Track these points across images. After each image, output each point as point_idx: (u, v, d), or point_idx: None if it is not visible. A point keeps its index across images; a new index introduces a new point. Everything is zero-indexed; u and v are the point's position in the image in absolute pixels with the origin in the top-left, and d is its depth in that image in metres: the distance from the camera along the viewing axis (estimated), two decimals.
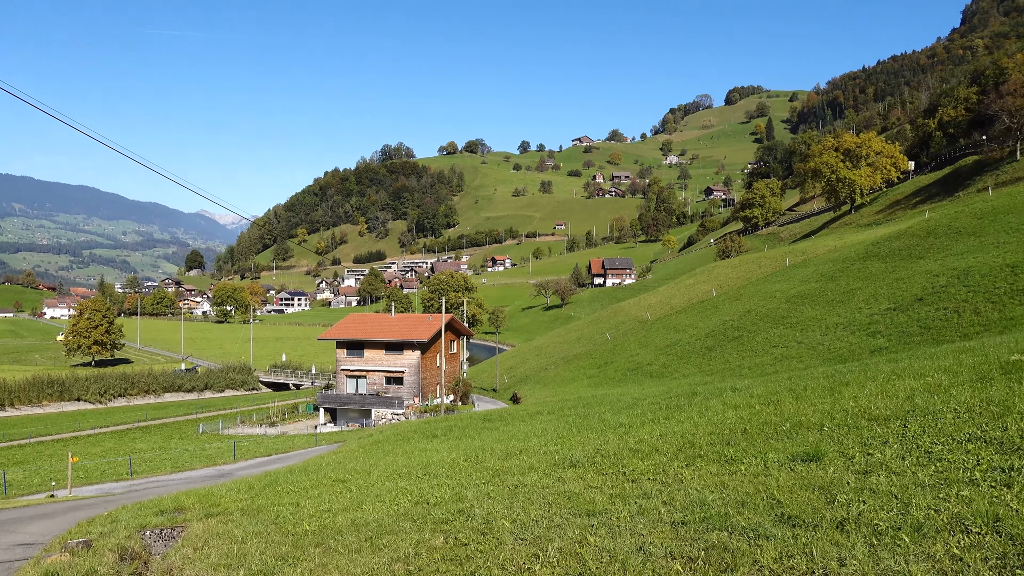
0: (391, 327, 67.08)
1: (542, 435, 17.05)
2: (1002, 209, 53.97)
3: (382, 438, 27.86)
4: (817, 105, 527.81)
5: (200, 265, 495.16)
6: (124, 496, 23.54)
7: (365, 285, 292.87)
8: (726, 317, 64.98)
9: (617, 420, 16.86)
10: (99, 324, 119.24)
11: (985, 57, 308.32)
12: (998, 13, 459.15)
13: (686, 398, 20.30)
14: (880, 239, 65.27)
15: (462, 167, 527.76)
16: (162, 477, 31.66)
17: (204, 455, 44.01)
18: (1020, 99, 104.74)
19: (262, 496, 13.82)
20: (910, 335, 35.22)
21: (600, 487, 8.82)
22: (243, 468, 32.85)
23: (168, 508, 14.01)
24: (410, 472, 13.20)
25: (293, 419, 70.86)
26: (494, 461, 12.57)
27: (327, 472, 16.20)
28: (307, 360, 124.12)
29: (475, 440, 20.80)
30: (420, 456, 17.27)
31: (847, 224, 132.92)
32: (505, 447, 14.92)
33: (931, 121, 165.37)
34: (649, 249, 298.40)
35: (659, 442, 11.02)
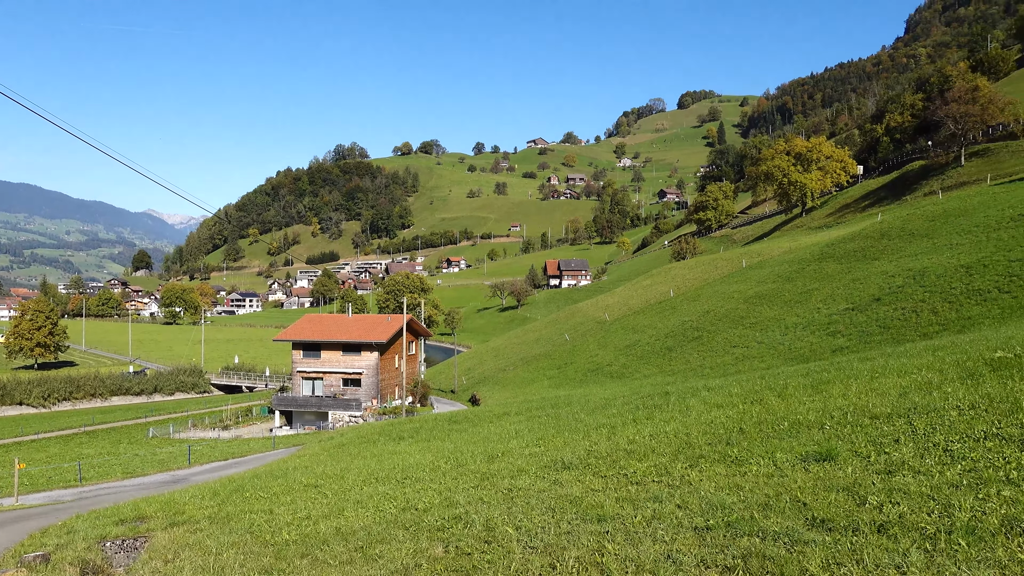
0: (348, 328, 65.99)
1: (518, 437, 16.61)
2: (953, 212, 55.17)
3: (345, 441, 27.12)
4: (767, 110, 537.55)
5: (148, 265, 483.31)
6: (75, 504, 22.48)
7: (318, 286, 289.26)
8: (685, 318, 65.33)
9: (595, 421, 16.51)
10: (42, 325, 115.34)
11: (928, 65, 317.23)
12: (940, 23, 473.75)
13: (660, 397, 20.06)
14: (835, 241, 66.30)
15: (417, 168, 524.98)
16: (113, 483, 30.42)
17: (156, 460, 42.59)
18: (965, 106, 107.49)
19: (230, 503, 13.13)
20: (870, 335, 35.65)
21: (603, 490, 8.42)
22: (199, 473, 31.77)
23: (128, 516, 13.24)
24: (388, 476, 12.63)
25: (247, 422, 69.29)
26: (477, 464, 12.09)
27: (296, 477, 15.53)
28: (260, 362, 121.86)
29: (445, 442, 20.28)
30: (392, 459, 16.68)
31: (798, 227, 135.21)
32: (484, 449, 14.44)
33: (879, 127, 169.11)
34: (604, 251, 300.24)
35: (652, 442, 10.67)
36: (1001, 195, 54.96)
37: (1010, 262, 36.57)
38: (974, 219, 50.11)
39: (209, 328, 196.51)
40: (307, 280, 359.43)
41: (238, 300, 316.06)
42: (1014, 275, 34.55)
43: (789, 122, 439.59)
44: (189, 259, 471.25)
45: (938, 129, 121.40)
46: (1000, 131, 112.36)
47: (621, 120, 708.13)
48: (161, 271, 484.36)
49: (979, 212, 51.56)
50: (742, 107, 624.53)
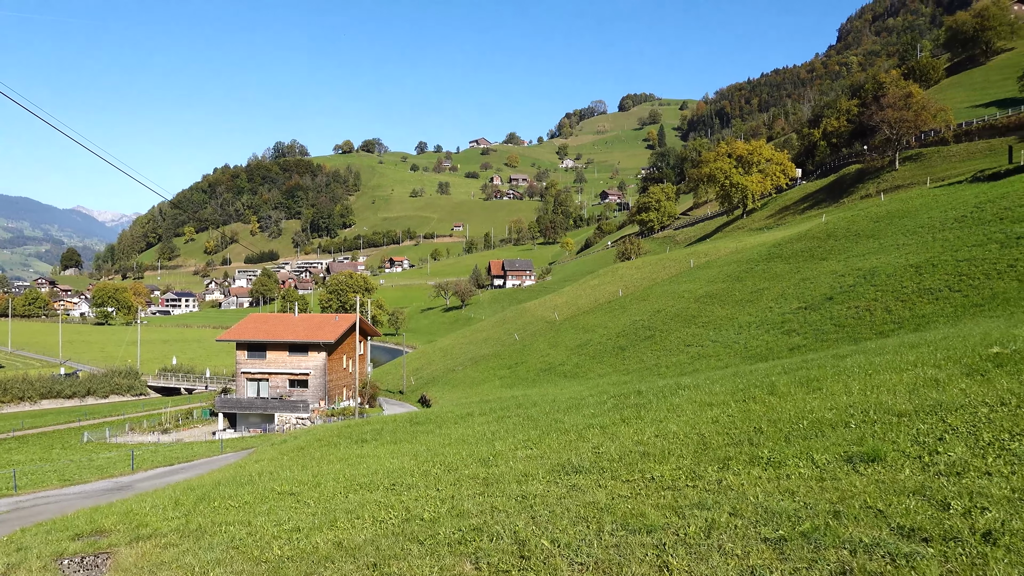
0: (295, 328, 64.27)
1: (499, 438, 15.92)
2: (896, 213, 56.44)
3: (302, 444, 26.02)
4: (706, 114, 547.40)
5: (77, 264, 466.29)
6: (13, 515, 20.98)
7: (258, 286, 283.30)
8: (636, 317, 65.45)
9: (578, 421, 15.92)
10: None
11: (859, 73, 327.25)
12: (870, 32, 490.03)
13: (635, 396, 19.59)
14: (782, 241, 67.28)
15: (358, 167, 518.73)
16: (52, 492, 28.68)
17: (94, 466, 40.58)
18: (900, 112, 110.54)
19: (198, 513, 12.15)
20: (825, 333, 36.00)
21: (632, 496, 7.81)
22: (145, 480, 30.23)
23: (84, 530, 12.15)
24: (372, 482, 11.81)
25: (188, 425, 66.90)
26: (472, 468, 11.35)
27: (264, 483, 14.55)
28: (199, 363, 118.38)
29: (416, 445, 19.47)
30: (367, 463, 15.80)
31: (740, 228, 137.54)
32: (469, 452, 13.70)
33: (816, 131, 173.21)
34: (547, 251, 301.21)
35: (662, 443, 10.11)
36: (942, 197, 56.41)
37: (958, 262, 37.37)
38: (918, 220, 51.28)
39: (144, 328, 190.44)
40: (246, 280, 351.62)
41: (173, 300, 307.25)
42: (963, 274, 35.29)
43: (727, 126, 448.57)
44: (121, 258, 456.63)
45: (873, 134, 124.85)
46: (932, 136, 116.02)
47: (563, 121, 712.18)
48: (92, 270, 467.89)
49: (922, 213, 52.80)
50: (681, 110, 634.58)
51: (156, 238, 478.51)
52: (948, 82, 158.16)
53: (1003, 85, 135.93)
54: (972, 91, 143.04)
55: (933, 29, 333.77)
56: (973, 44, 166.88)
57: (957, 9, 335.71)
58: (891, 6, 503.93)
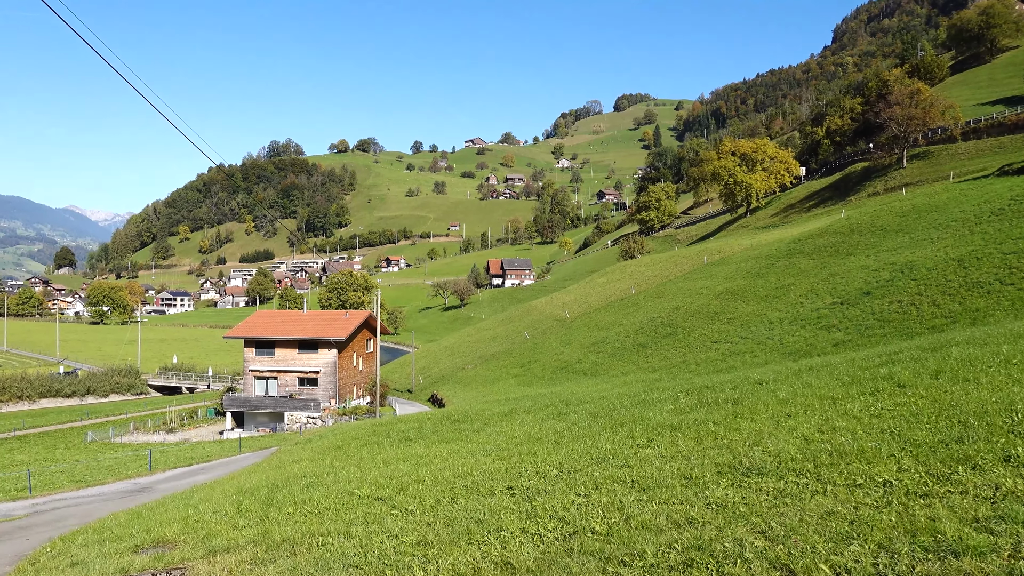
0: (305, 325, 62.68)
1: (578, 438, 14.44)
2: (923, 208, 55.26)
3: (338, 442, 24.51)
4: (702, 114, 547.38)
5: (71, 263, 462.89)
6: (37, 521, 19.40)
7: (254, 285, 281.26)
8: (653, 314, 64.09)
9: (670, 418, 14.46)
10: None
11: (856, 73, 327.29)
12: (865, 33, 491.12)
13: (708, 391, 18.15)
14: (802, 237, 66.05)
15: (354, 166, 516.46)
16: (69, 494, 27.07)
17: (105, 467, 38.96)
18: (908, 109, 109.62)
19: (273, 521, 10.65)
20: (869, 328, 34.67)
21: (883, 504, 6.17)
22: (165, 481, 28.67)
23: (143, 541, 10.66)
24: (480, 486, 10.30)
25: (193, 424, 65.19)
26: (598, 468, 9.86)
27: (334, 487, 13.05)
28: (197, 362, 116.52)
29: (471, 443, 17.98)
30: (437, 463, 14.28)
31: (744, 226, 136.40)
32: (564, 451, 12.23)
33: (819, 129, 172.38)
34: (545, 251, 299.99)
35: (841, 439, 8.59)
36: (971, 191, 55.26)
37: (1004, 255, 36.11)
38: (948, 214, 50.06)
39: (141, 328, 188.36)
40: (241, 279, 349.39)
41: (169, 299, 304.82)
42: (1012, 267, 34.02)
43: (723, 126, 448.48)
44: (116, 257, 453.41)
45: (878, 132, 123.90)
46: (939, 134, 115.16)
47: (559, 121, 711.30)
48: (86, 269, 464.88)
49: (952, 207, 51.59)
50: (677, 111, 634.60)
51: (150, 237, 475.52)
52: (953, 80, 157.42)
53: (1009, 83, 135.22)
54: (978, 89, 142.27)
55: (929, 30, 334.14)
56: (978, 42, 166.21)
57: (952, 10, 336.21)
58: (886, 7, 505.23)
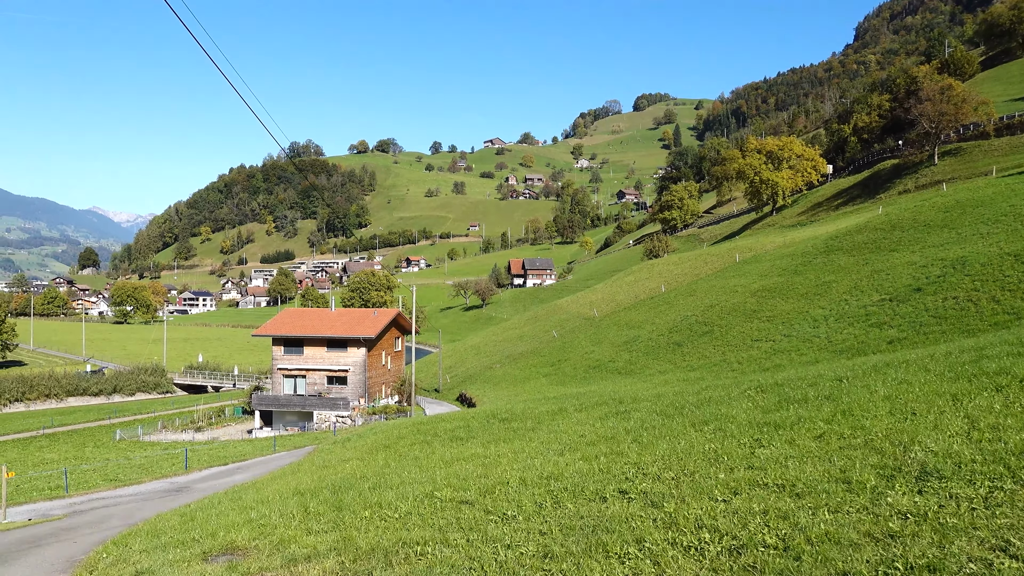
0: (333, 323, 62.02)
1: (657, 437, 13.48)
2: (968, 203, 53.71)
3: (384, 441, 23.64)
4: (722, 113, 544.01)
5: (94, 264, 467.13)
6: (79, 522, 18.65)
7: (275, 285, 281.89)
8: (686, 312, 62.87)
9: (752, 416, 13.44)
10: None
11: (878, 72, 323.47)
12: (888, 31, 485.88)
13: (778, 388, 17.10)
14: (839, 233, 64.57)
15: (374, 166, 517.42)
16: (105, 493, 26.40)
17: (137, 466, 38.40)
18: (939, 105, 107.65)
19: (349, 526, 9.75)
20: (925, 325, 33.38)
21: None
22: (202, 480, 27.97)
23: (211, 547, 9.80)
24: (575, 488, 9.35)
25: (221, 423, 64.84)
26: (722, 471, 8.86)
27: (405, 488, 12.14)
28: (221, 361, 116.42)
29: (531, 443, 17.00)
30: (505, 465, 13.31)
31: (770, 225, 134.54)
32: (648, 452, 11.24)
33: (846, 127, 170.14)
34: (566, 251, 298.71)
35: None
36: (1018, 186, 53.62)
37: None
38: (997, 209, 48.54)
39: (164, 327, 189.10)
40: (263, 279, 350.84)
41: (191, 299, 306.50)
42: None
43: (744, 125, 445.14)
44: (138, 257, 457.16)
45: (908, 128, 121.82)
46: (971, 131, 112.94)
47: (578, 121, 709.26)
48: (109, 270, 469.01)
49: (1000, 202, 50.04)
50: (697, 110, 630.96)
51: (172, 238, 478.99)
52: (984, 76, 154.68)
53: None
54: (1010, 84, 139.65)
55: (954, 27, 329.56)
56: (1009, 37, 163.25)
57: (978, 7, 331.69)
58: (909, 4, 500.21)
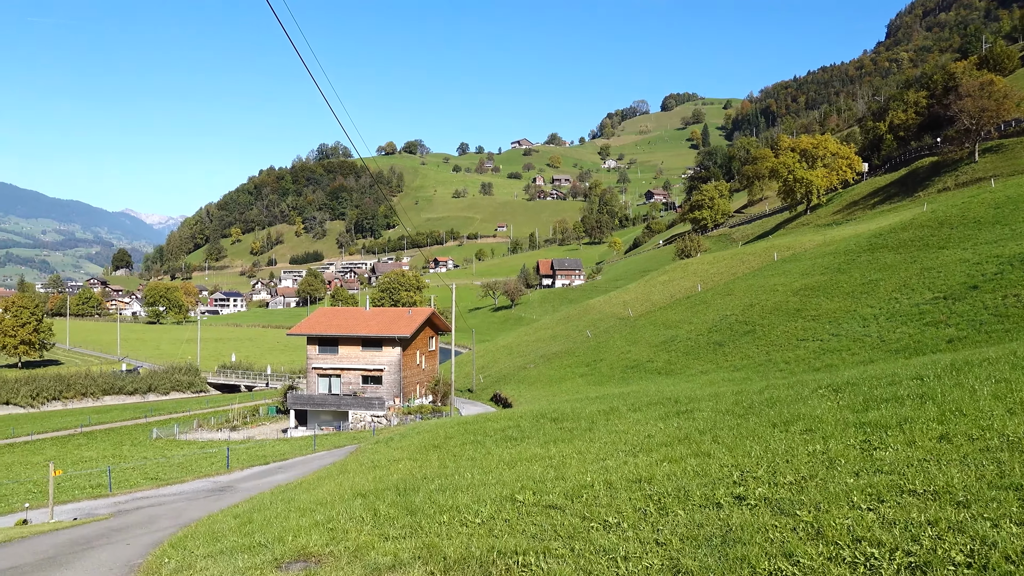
0: (368, 322, 61.67)
1: (739, 438, 12.68)
2: (1021, 199, 52.12)
3: (433, 441, 23.00)
4: (751, 113, 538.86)
5: (128, 265, 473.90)
6: (128, 522, 18.19)
7: (304, 286, 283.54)
8: (725, 312, 61.72)
9: (841, 415, 12.60)
10: (27, 322, 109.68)
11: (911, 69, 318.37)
12: (921, 28, 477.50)
13: (859, 388, 16.19)
14: (883, 231, 63.05)
15: (401, 168, 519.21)
16: (149, 492, 26.05)
17: (176, 464, 38.22)
18: (980, 101, 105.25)
19: (427, 531, 9.09)
20: (985, 324, 32.15)
21: None
22: (245, 479, 27.54)
23: (282, 553, 9.18)
24: (675, 492, 8.60)
25: (256, 422, 64.75)
26: (863, 476, 8.02)
27: (477, 490, 11.45)
28: (252, 360, 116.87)
29: (592, 443, 16.29)
30: (587, 464, 12.63)
31: (804, 224, 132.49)
32: (734, 455, 10.46)
33: (881, 124, 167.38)
34: (594, 251, 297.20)
35: None
36: None
37: None
38: None
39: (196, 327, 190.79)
40: (292, 280, 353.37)
41: (222, 300, 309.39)
42: None
43: (773, 125, 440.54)
44: (170, 258, 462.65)
45: (946, 125, 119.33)
46: (1013, 127, 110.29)
47: (605, 122, 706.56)
48: (141, 271, 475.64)
49: None
50: (725, 109, 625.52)
51: (203, 239, 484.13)
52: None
53: None
54: None
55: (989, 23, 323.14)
56: None
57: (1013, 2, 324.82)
58: (942, 1, 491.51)
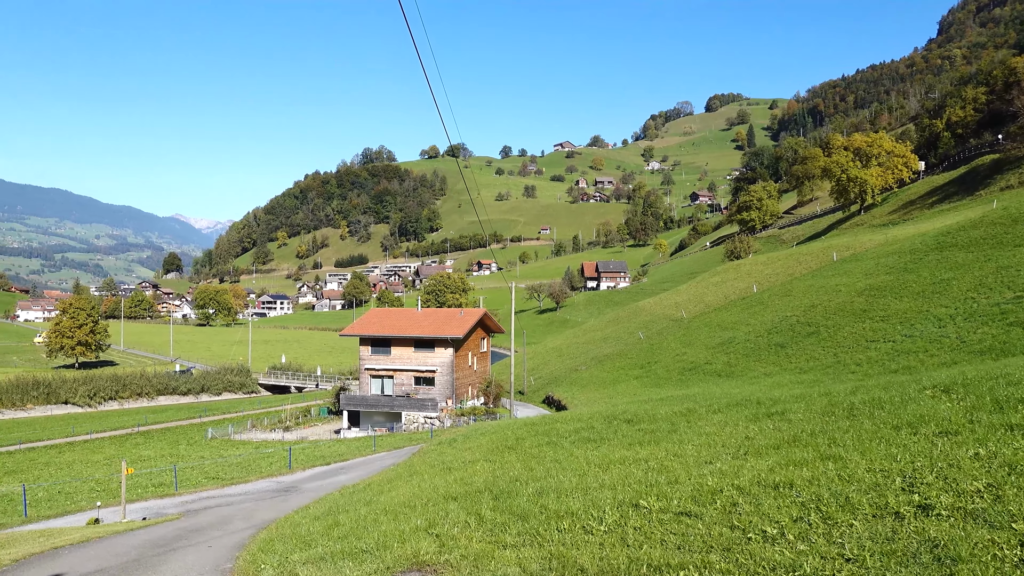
0: (420, 322, 61.27)
1: (863, 441, 11.68)
2: None
3: (505, 442, 22.24)
4: (798, 113, 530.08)
5: (177, 268, 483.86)
6: (199, 521, 17.72)
7: (350, 288, 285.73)
8: (784, 313, 60.05)
9: (983, 417, 11.53)
10: (83, 323, 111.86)
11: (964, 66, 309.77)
12: (974, 24, 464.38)
13: (975, 388, 15.02)
14: (950, 229, 60.74)
15: (444, 171, 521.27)
16: (214, 492, 25.72)
17: (234, 464, 38.07)
18: None
19: (549, 539, 8.30)
20: None
21: None
22: (307, 480, 27.11)
23: (392, 560, 8.46)
24: (832, 499, 7.74)
25: (308, 423, 64.78)
26: None
27: (582, 495, 10.64)
28: (301, 362, 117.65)
29: (681, 445, 15.37)
30: (690, 468, 11.77)
31: (859, 224, 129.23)
32: (874, 460, 9.50)
33: (938, 121, 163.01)
34: (638, 253, 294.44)
35: None
36: None
37: None
38: None
39: (244, 330, 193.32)
40: (337, 283, 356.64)
41: (269, 302, 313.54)
42: None
43: (821, 124, 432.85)
44: (219, 262, 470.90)
45: (1009, 121, 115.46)
46: None
47: (648, 123, 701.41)
48: (191, 274, 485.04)
49: None
50: (771, 110, 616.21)
51: (251, 243, 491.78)
52: None
53: None
54: None
55: None
56: None
57: None
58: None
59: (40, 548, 13.00)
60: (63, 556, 12.24)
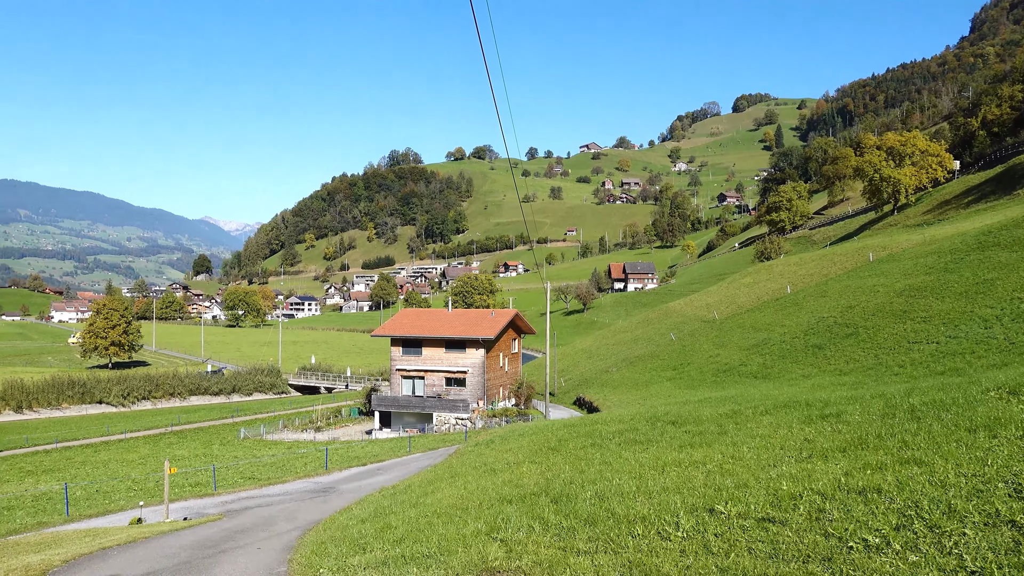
0: (451, 323, 61.06)
1: (938, 443, 11.15)
2: None
3: (548, 443, 21.84)
4: (827, 112, 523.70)
5: (207, 270, 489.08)
6: (242, 522, 17.50)
7: (377, 290, 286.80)
8: (821, 314, 59.03)
9: None
10: (117, 324, 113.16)
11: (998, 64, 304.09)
12: (1008, 21, 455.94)
13: None
14: (992, 229, 59.40)
15: (470, 173, 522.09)
16: (253, 492, 25.59)
17: (268, 464, 38.04)
18: None
19: (624, 546, 7.92)
20: None
21: None
22: (344, 480, 26.89)
23: (459, 568, 8.10)
24: (935, 502, 7.27)
25: (339, 423, 64.86)
26: None
27: (646, 500, 10.23)
28: (330, 363, 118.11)
29: (738, 447, 14.87)
30: (753, 472, 11.31)
31: (892, 224, 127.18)
32: (964, 465, 9.02)
33: (973, 120, 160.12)
34: (665, 255, 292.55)
35: None
36: None
37: None
38: None
39: (273, 331, 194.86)
40: (364, 284, 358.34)
41: (297, 304, 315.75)
42: None
43: (850, 124, 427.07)
44: (247, 264, 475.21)
45: None
46: None
47: (675, 124, 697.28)
48: (220, 276, 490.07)
49: None
50: (799, 110, 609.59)
51: (279, 245, 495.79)
52: None
53: None
54: None
55: None
56: None
57: None
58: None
59: (88, 549, 12.84)
60: (112, 557, 12.05)
